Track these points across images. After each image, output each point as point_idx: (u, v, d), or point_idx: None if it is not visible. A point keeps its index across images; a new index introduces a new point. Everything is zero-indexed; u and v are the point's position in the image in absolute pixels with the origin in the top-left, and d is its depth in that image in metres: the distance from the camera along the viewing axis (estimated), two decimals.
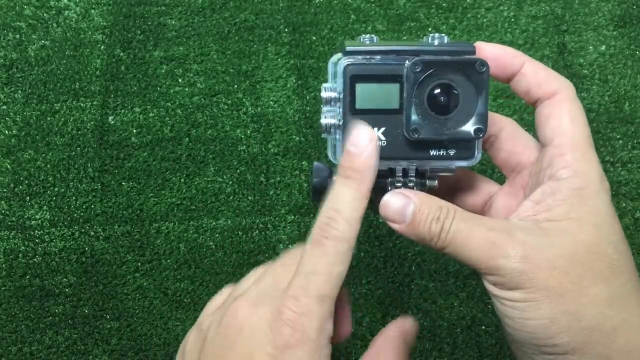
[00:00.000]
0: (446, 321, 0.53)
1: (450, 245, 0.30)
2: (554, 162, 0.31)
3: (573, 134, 0.31)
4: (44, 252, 0.55)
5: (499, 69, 0.33)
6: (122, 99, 0.59)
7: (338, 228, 0.30)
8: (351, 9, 0.62)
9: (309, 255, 0.30)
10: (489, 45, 0.33)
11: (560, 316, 0.29)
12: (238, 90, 0.59)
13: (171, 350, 0.53)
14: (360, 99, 0.32)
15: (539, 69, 0.33)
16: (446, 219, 0.30)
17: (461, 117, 0.32)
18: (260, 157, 0.57)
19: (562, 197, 0.30)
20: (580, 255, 0.29)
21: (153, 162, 0.57)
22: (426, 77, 0.31)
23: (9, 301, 0.54)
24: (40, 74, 0.60)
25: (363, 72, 0.32)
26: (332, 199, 0.31)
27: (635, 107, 0.58)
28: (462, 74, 0.31)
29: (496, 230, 0.30)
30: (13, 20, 0.62)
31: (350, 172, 0.31)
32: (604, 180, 0.31)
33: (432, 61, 0.31)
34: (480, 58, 0.31)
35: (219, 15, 0.62)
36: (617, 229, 0.30)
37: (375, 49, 0.32)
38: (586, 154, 0.31)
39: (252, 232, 0.55)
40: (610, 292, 0.29)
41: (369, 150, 0.31)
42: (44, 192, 0.57)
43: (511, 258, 0.29)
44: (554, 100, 0.32)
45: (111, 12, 0.62)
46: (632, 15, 0.61)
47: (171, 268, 0.55)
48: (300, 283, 0.30)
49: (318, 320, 0.29)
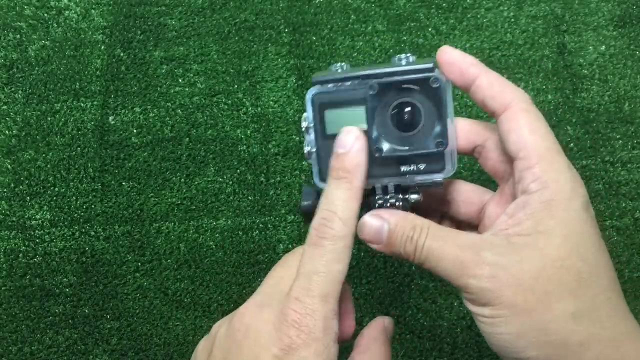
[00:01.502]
0: (446, 321, 0.53)
1: (426, 262, 0.31)
2: (523, 175, 0.31)
3: (535, 144, 0.31)
4: (44, 252, 0.55)
5: (456, 75, 0.33)
6: (123, 99, 0.59)
7: (334, 227, 0.31)
8: (351, 9, 0.62)
9: (308, 256, 0.31)
10: (450, 50, 0.33)
11: (528, 331, 0.29)
12: (238, 90, 0.59)
13: (171, 350, 0.53)
14: (330, 124, 0.34)
15: (493, 81, 0.33)
16: (419, 238, 0.31)
17: (425, 132, 0.33)
18: (260, 157, 0.57)
19: (531, 210, 0.30)
20: (548, 270, 0.29)
21: (153, 162, 0.57)
22: (387, 98, 0.32)
23: (9, 301, 0.54)
24: (40, 74, 0.60)
25: (329, 100, 0.33)
26: (326, 200, 0.32)
27: (635, 107, 0.58)
28: (420, 91, 0.32)
29: (465, 249, 0.30)
30: (13, 20, 0.62)
31: (341, 172, 0.32)
32: (577, 187, 0.30)
33: (387, 82, 0.32)
34: (434, 74, 0.32)
35: (219, 15, 0.62)
36: (589, 239, 0.30)
37: (340, 76, 0.33)
38: (553, 163, 0.30)
39: (252, 232, 0.55)
40: (576, 306, 0.29)
41: (355, 148, 0.32)
42: (44, 192, 0.57)
43: (478, 278, 0.30)
44: (508, 114, 0.32)
45: (111, 12, 0.62)
46: (632, 15, 0.61)
47: (171, 268, 0.55)
48: (301, 284, 0.30)
49: (322, 320, 0.30)
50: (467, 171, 0.56)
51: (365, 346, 0.35)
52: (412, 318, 0.53)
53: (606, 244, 0.31)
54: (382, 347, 0.35)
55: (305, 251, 0.31)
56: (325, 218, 0.31)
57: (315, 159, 0.34)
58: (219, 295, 0.54)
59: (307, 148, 0.34)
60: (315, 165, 0.35)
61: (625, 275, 0.53)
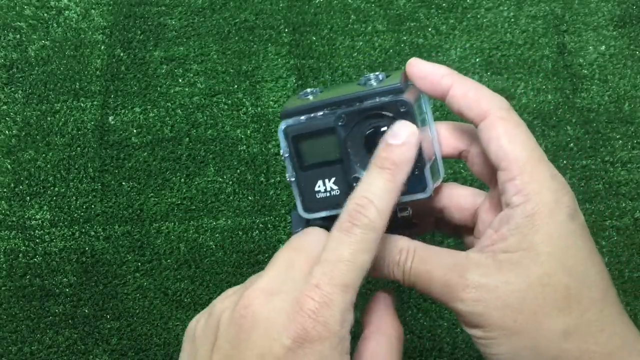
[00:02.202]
0: (446, 321, 0.53)
1: (416, 285, 0.31)
2: (506, 187, 0.30)
3: (515, 155, 0.30)
4: (44, 252, 0.55)
5: (429, 87, 0.32)
6: (122, 99, 0.59)
7: (369, 216, 0.29)
8: (351, 9, 0.62)
9: (336, 242, 0.29)
10: (419, 63, 0.32)
11: (521, 351, 0.29)
12: (238, 90, 0.59)
13: (171, 350, 0.53)
14: (307, 155, 0.34)
15: (468, 89, 0.31)
16: (405, 263, 0.31)
17: None
18: (260, 157, 0.57)
19: (515, 225, 0.29)
20: (534, 289, 0.29)
21: (153, 162, 0.57)
22: (358, 126, 0.32)
23: (9, 301, 0.54)
24: (40, 74, 0.60)
25: (302, 131, 0.33)
26: (364, 187, 0.30)
27: (635, 107, 0.58)
28: (389, 116, 0.32)
29: (451, 271, 0.30)
30: (13, 20, 0.62)
31: (387, 163, 0.30)
32: (561, 197, 0.29)
33: (354, 111, 0.32)
34: (400, 98, 0.31)
35: (219, 15, 0.62)
36: (576, 251, 0.29)
37: (309, 106, 0.33)
38: (534, 173, 0.29)
39: (252, 232, 0.55)
40: (565, 324, 0.28)
41: (410, 142, 0.30)
42: (44, 192, 0.57)
43: (465, 302, 0.29)
44: (487, 123, 0.31)
45: (111, 12, 0.62)
46: (632, 15, 0.61)
47: (171, 268, 0.55)
48: (324, 270, 0.29)
49: (340, 312, 0.28)
50: (467, 171, 0.56)
51: (377, 323, 0.33)
52: (412, 318, 0.53)
53: (606, 244, 0.30)
54: (394, 323, 0.33)
55: (332, 236, 0.30)
56: (360, 205, 0.29)
57: (296, 188, 0.34)
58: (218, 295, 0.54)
59: (288, 175, 0.34)
60: (297, 196, 0.34)
61: (625, 275, 0.53)
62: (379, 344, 0.32)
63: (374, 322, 0.33)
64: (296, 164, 0.34)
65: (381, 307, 0.34)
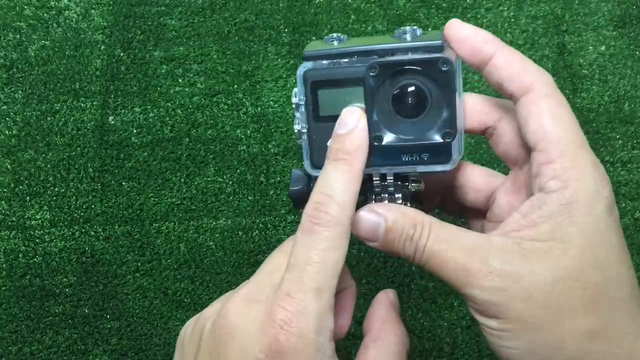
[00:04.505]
0: (446, 321, 0.53)
1: (427, 265, 0.29)
2: (542, 171, 0.28)
3: (557, 136, 0.27)
4: (44, 252, 0.55)
5: (468, 54, 0.29)
6: (122, 99, 0.59)
7: (329, 212, 0.28)
8: (351, 9, 0.62)
9: (301, 244, 0.28)
10: (460, 25, 0.29)
11: (538, 348, 0.27)
12: (238, 90, 0.59)
13: (171, 350, 0.53)
14: (324, 105, 0.30)
15: (512, 60, 0.29)
16: (420, 238, 0.28)
17: (430, 120, 0.29)
18: (260, 157, 0.57)
19: (548, 213, 0.27)
20: (562, 283, 0.27)
21: (153, 162, 0.57)
22: (389, 79, 0.29)
23: (9, 301, 0.54)
24: (40, 74, 0.60)
25: (323, 77, 0.30)
26: (321, 183, 0.29)
27: (635, 107, 0.58)
28: (427, 73, 0.28)
29: (471, 254, 0.27)
30: (13, 20, 0.62)
31: (341, 154, 0.29)
32: (601, 187, 0.27)
33: (389, 63, 0.29)
34: (443, 55, 0.28)
35: (219, 15, 0.62)
36: (609, 247, 0.27)
37: (335, 52, 0.30)
38: (577, 158, 0.27)
39: (252, 232, 0.55)
40: (592, 324, 0.27)
41: (358, 128, 0.29)
42: (44, 192, 0.57)
43: (485, 289, 0.27)
44: (529, 98, 0.28)
45: (111, 12, 0.62)
46: (632, 15, 0.61)
47: (171, 268, 0.55)
48: (293, 277, 0.27)
49: (316, 318, 0.27)
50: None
51: (377, 330, 0.32)
52: (412, 318, 0.53)
53: None
54: (396, 329, 0.32)
55: (296, 240, 0.28)
56: (319, 202, 0.28)
57: (306, 141, 0.31)
58: (219, 295, 0.54)
59: (297, 127, 0.31)
60: (305, 149, 0.31)
61: None
62: (379, 354, 0.31)
63: (374, 329, 0.32)
64: (310, 113, 0.31)
65: (382, 312, 0.32)
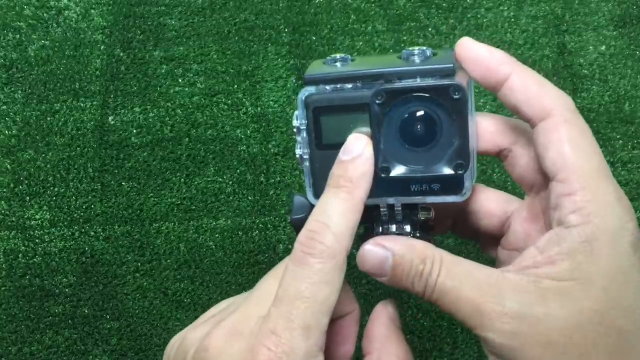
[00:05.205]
0: (446, 321, 0.53)
1: (438, 302, 0.26)
2: (562, 203, 0.25)
3: (579, 166, 0.25)
4: (44, 252, 0.55)
5: (482, 75, 0.27)
6: (122, 99, 0.59)
7: (324, 242, 0.26)
8: (351, 9, 0.62)
9: (291, 276, 0.26)
10: (473, 45, 0.27)
11: None
12: (238, 90, 0.59)
13: None
14: (327, 132, 0.28)
15: (530, 82, 0.27)
16: (430, 275, 0.26)
17: (441, 149, 0.27)
18: (260, 157, 0.57)
19: (568, 250, 0.25)
20: (583, 327, 0.24)
21: (153, 162, 0.57)
22: (396, 106, 0.27)
23: (9, 301, 0.54)
24: (40, 74, 0.60)
25: (326, 104, 0.28)
26: (318, 211, 0.27)
27: (635, 107, 0.58)
28: (437, 100, 0.26)
29: (485, 293, 0.25)
30: (13, 20, 0.62)
31: (342, 181, 0.27)
32: (626, 222, 0.25)
33: (396, 90, 0.26)
34: (455, 82, 0.26)
35: (219, 15, 0.62)
36: (634, 290, 0.25)
37: (338, 75, 0.28)
38: (599, 190, 0.25)
39: (252, 232, 0.55)
40: None
41: (364, 156, 0.27)
42: (44, 192, 0.57)
43: (499, 333, 0.25)
44: (548, 124, 0.26)
45: (111, 12, 0.62)
46: (632, 15, 0.61)
47: (171, 268, 0.55)
48: (280, 312, 0.25)
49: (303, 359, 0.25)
50: None
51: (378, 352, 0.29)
52: (412, 318, 0.53)
53: None
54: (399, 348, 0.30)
55: (287, 270, 0.26)
56: (314, 230, 0.26)
57: (308, 168, 0.29)
58: (219, 295, 0.54)
59: (299, 152, 0.29)
60: (308, 177, 0.29)
61: None
62: None
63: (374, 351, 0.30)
64: (312, 141, 0.29)
65: (381, 329, 0.30)
